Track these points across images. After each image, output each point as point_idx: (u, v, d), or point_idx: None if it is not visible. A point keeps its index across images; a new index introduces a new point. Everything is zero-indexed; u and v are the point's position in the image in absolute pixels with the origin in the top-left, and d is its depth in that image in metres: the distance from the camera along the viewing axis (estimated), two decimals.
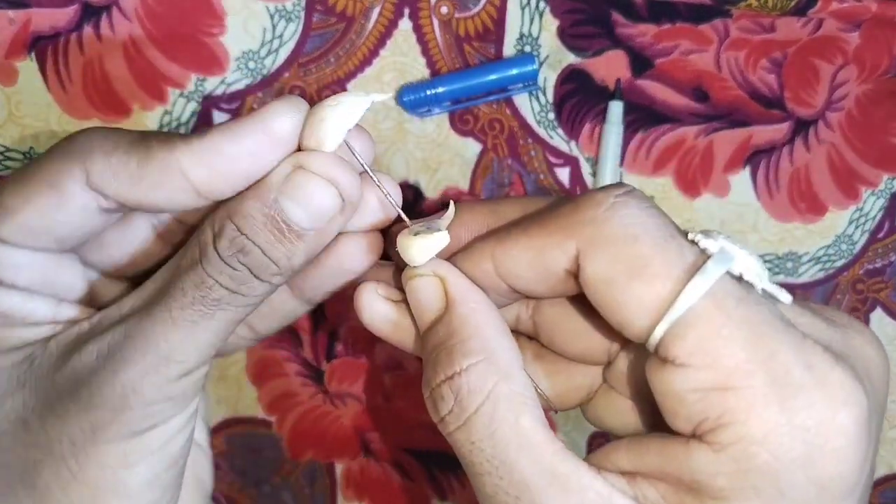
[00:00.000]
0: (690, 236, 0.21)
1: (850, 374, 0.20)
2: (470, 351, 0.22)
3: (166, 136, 0.23)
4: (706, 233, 0.21)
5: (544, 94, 0.36)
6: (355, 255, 0.26)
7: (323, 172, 0.23)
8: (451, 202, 0.26)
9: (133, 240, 0.26)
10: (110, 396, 0.22)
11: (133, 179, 0.22)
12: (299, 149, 0.23)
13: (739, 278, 0.21)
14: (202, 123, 0.35)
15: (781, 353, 0.19)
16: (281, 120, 0.22)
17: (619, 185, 0.22)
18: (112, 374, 0.22)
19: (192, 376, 0.23)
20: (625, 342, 0.25)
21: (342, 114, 0.23)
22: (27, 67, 0.34)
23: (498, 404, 0.21)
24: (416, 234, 0.24)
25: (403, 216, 0.25)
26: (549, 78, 0.36)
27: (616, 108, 0.35)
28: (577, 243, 0.21)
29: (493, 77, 0.34)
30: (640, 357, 0.24)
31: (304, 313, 0.30)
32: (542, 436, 0.21)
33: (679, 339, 0.20)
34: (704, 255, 0.20)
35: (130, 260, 0.27)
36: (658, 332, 0.20)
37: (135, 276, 0.27)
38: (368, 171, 0.24)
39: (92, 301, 0.26)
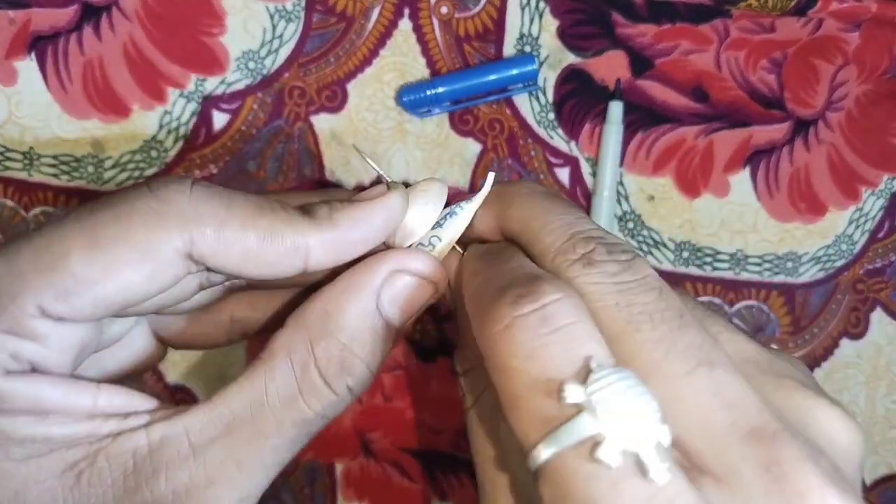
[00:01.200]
0: (565, 387, 0.17)
1: None
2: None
3: (286, 212, 0.21)
4: (593, 376, 0.17)
5: (544, 94, 0.36)
6: None
7: (424, 274, 0.22)
8: (491, 173, 0.26)
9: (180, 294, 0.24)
10: None
11: (247, 256, 0.20)
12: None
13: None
14: (202, 123, 0.35)
15: None
16: (399, 208, 0.23)
17: (532, 297, 0.19)
18: None
19: None
20: None
21: (428, 202, 0.24)
22: (27, 67, 0.34)
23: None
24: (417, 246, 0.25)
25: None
26: (549, 78, 0.36)
27: (616, 109, 0.35)
28: (482, 351, 0.19)
29: (493, 77, 0.34)
30: None
31: None
32: None
33: (543, 482, 0.17)
34: (574, 411, 0.17)
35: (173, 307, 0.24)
36: (530, 465, 0.18)
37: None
38: (382, 173, 0.25)
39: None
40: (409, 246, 0.25)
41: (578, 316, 0.18)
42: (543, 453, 0.17)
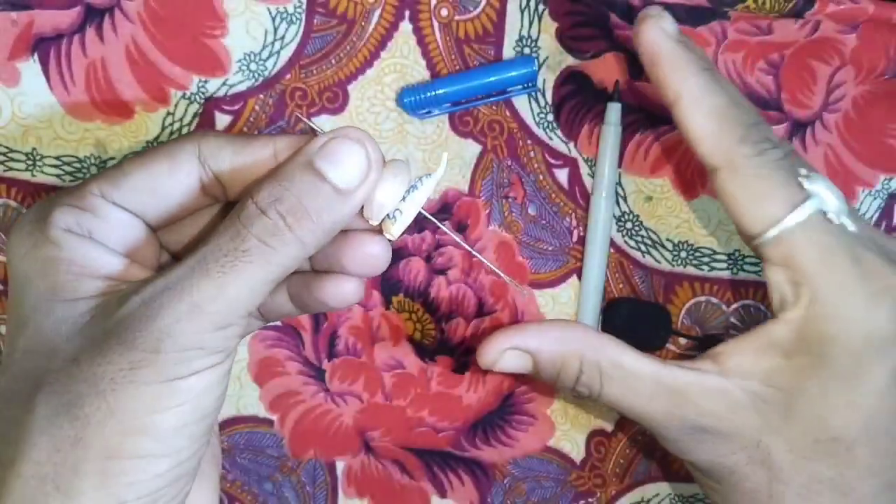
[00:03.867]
0: (799, 179, 0.29)
1: None
2: (572, 365, 0.32)
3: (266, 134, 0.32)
4: (811, 176, 0.29)
5: (543, 95, 0.36)
6: (335, 296, 0.31)
7: (354, 138, 0.27)
8: (444, 155, 0.31)
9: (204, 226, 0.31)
10: (148, 339, 0.24)
11: (234, 154, 0.28)
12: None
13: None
14: (204, 125, 0.35)
15: (842, 265, 0.29)
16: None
17: (775, 144, 0.30)
18: (150, 320, 0.25)
19: (224, 332, 0.26)
20: None
21: (396, 177, 0.28)
22: (30, 68, 0.34)
23: (607, 372, 0.31)
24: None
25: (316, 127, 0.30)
26: (548, 80, 0.36)
27: (614, 110, 0.36)
28: (724, 161, 0.30)
29: (492, 79, 0.35)
30: None
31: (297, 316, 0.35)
32: (644, 364, 0.31)
33: (775, 247, 0.29)
34: (806, 194, 0.29)
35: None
36: (762, 240, 0.30)
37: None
38: (316, 127, 0.29)
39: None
40: (383, 219, 0.29)
41: (789, 150, 0.31)
42: (789, 222, 0.29)
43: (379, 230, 0.30)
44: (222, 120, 0.35)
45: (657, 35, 0.31)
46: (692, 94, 0.30)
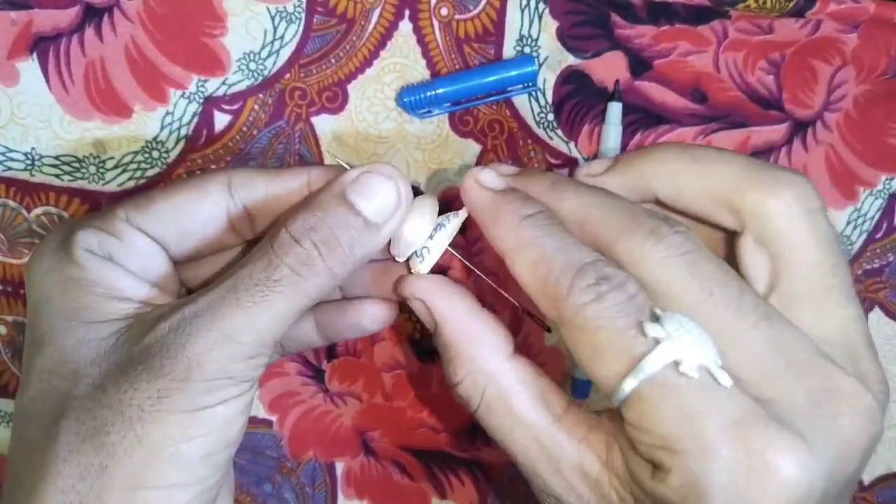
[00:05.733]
0: (644, 326, 0.24)
1: (789, 456, 0.22)
2: (456, 370, 0.28)
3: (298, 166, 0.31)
4: (662, 318, 0.24)
5: (544, 95, 0.36)
6: (373, 317, 0.32)
7: (385, 173, 0.28)
8: (465, 210, 0.30)
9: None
10: (176, 367, 0.24)
11: (267, 184, 0.29)
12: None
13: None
14: (203, 124, 0.35)
15: (709, 431, 0.22)
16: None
17: (612, 279, 0.25)
18: (180, 348, 0.25)
19: (252, 361, 0.25)
20: None
21: (424, 216, 0.29)
22: (29, 68, 0.34)
23: (490, 403, 0.28)
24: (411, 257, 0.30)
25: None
26: (548, 79, 0.36)
27: (615, 109, 0.36)
28: (558, 318, 0.25)
29: (492, 78, 0.35)
30: None
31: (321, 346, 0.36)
32: (531, 415, 0.27)
33: (628, 409, 0.24)
34: (654, 343, 0.23)
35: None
36: (614, 401, 0.24)
37: None
38: (346, 165, 0.29)
39: None
40: (410, 256, 0.30)
41: (638, 287, 0.25)
42: (633, 382, 0.23)
43: (406, 266, 0.30)
44: (221, 119, 0.35)
45: (473, 192, 0.28)
46: (513, 251, 0.27)
